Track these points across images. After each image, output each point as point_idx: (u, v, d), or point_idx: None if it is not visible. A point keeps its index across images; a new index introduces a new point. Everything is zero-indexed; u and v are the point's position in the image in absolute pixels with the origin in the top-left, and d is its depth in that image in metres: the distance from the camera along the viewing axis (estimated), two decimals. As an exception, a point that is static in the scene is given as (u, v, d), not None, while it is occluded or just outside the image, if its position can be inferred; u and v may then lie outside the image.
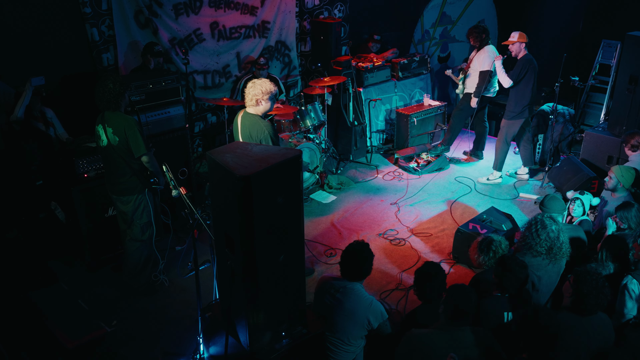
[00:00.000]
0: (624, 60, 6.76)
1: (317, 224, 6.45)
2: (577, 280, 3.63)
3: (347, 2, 8.72)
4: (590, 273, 3.65)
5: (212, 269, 4.60)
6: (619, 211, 4.81)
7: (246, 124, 4.88)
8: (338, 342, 3.93)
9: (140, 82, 5.67)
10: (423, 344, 3.37)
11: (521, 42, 6.82)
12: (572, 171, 6.66)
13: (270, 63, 8.07)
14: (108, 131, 4.65)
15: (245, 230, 3.41)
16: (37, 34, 5.99)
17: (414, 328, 3.49)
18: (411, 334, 3.45)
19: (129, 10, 6.57)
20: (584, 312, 3.60)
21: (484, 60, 7.29)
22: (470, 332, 3.43)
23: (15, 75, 5.69)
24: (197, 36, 7.27)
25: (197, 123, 7.73)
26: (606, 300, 3.61)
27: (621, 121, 6.65)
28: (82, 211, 5.36)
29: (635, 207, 4.76)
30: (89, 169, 5.39)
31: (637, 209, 4.74)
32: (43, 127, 5.79)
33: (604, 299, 3.59)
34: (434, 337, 3.39)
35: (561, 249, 4.48)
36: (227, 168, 3.38)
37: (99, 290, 5.26)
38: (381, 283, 5.43)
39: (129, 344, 4.63)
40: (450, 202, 6.98)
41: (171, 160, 4.45)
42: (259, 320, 3.74)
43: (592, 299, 3.55)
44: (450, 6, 10.25)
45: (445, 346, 3.30)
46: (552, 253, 4.40)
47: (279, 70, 8.33)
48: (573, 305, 3.64)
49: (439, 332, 3.41)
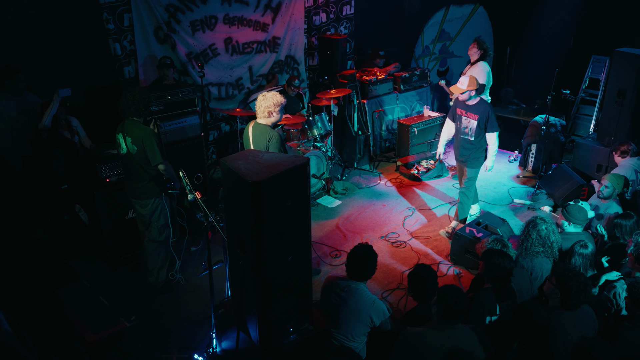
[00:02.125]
0: (613, 75, 6.76)
1: (323, 227, 6.44)
2: (560, 278, 3.62)
3: (352, 19, 8.73)
4: (569, 270, 3.66)
5: (224, 268, 4.58)
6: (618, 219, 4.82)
7: (257, 133, 4.89)
8: (342, 338, 3.93)
9: (159, 93, 5.68)
10: (418, 341, 3.36)
11: (470, 89, 5.63)
12: (564, 179, 6.63)
13: (280, 76, 8.08)
14: (127, 140, 4.67)
15: (256, 232, 3.41)
16: (64, 48, 6.01)
17: (410, 327, 3.48)
18: (407, 332, 3.44)
19: (149, 27, 6.60)
20: (572, 307, 3.59)
21: (478, 74, 7.11)
22: (462, 330, 3.41)
23: (43, 87, 5.71)
24: (212, 51, 7.29)
25: (212, 132, 7.74)
26: (590, 292, 3.60)
27: (610, 132, 6.63)
28: (103, 213, 5.38)
29: (634, 220, 4.76)
30: (111, 174, 5.41)
31: (635, 222, 4.75)
32: (68, 135, 5.81)
33: (589, 291, 3.60)
34: (428, 335, 3.38)
35: (552, 248, 4.47)
36: (240, 174, 3.37)
37: (118, 288, 5.28)
38: (383, 283, 5.42)
39: (147, 338, 4.64)
40: (448, 207, 6.96)
41: (187, 166, 4.44)
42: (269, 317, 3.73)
43: (580, 294, 3.55)
44: (449, 23, 10.26)
45: (439, 344, 3.29)
46: (546, 249, 4.42)
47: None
48: (562, 303, 3.63)
49: (433, 330, 3.41)
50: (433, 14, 9.91)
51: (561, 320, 3.60)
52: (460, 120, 5.88)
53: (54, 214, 5.88)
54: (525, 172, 7.92)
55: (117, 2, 6.24)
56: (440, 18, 10.06)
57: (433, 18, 9.93)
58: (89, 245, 5.72)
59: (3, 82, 5.46)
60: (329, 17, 8.47)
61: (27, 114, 5.60)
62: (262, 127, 4.88)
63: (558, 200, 6.47)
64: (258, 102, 4.87)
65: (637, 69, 6.32)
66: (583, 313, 3.67)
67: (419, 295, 4.03)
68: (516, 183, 7.68)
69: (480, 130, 5.70)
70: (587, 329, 3.62)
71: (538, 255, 4.45)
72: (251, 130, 4.95)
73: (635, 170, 5.92)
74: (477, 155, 5.88)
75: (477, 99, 5.72)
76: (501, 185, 7.57)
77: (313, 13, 8.27)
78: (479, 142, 5.80)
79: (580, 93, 8.44)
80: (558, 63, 8.70)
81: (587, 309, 3.72)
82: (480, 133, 5.73)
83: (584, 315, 3.68)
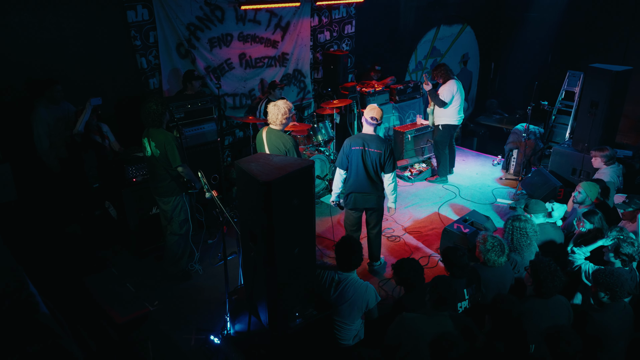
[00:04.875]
0: (586, 88, 6.73)
1: (325, 223, 6.43)
2: (534, 269, 3.65)
3: (353, 37, 8.73)
4: (543, 262, 3.66)
5: (238, 259, 4.60)
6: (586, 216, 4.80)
7: (272, 138, 4.90)
8: (342, 323, 3.93)
9: (180, 102, 5.70)
10: (411, 326, 3.36)
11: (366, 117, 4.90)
12: (542, 181, 6.61)
13: (288, 88, 8.09)
14: (151, 145, 4.68)
15: (266, 226, 3.41)
16: (97, 61, 6.03)
17: (405, 312, 3.48)
18: (402, 317, 3.44)
19: (172, 43, 6.61)
20: (545, 295, 3.60)
21: (444, 92, 7.02)
22: (450, 317, 3.41)
23: (77, 96, 5.73)
24: (228, 65, 7.30)
25: (227, 137, 7.75)
26: (561, 283, 3.61)
27: (583, 139, 6.61)
28: (130, 209, 5.39)
29: (599, 215, 4.77)
30: (137, 174, 5.42)
31: (600, 217, 4.76)
32: (99, 139, 5.83)
33: (559, 281, 3.60)
34: (420, 320, 3.38)
35: (532, 240, 4.52)
36: (252, 175, 3.38)
37: (143, 276, 5.29)
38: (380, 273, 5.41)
39: (168, 320, 4.66)
40: (438, 206, 6.94)
41: (205, 167, 4.46)
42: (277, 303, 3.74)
43: (549, 283, 3.57)
44: (439, 41, 10.25)
45: (430, 329, 3.29)
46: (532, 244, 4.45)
47: (295, 94, 8.34)
48: (535, 291, 3.64)
49: (425, 316, 3.40)
50: (425, 33, 9.91)
51: (535, 307, 3.60)
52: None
53: (86, 210, 5.91)
54: (507, 175, 7.90)
55: (144, 21, 6.27)
56: (432, 36, 10.06)
57: (425, 36, 9.93)
58: (117, 237, 5.74)
59: (43, 92, 5.49)
60: (332, 35, 8.48)
61: (63, 121, 5.63)
62: (277, 132, 4.90)
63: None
64: (271, 110, 4.88)
65: (608, 82, 6.30)
66: (558, 302, 3.67)
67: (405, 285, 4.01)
68: (499, 184, 7.66)
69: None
70: (560, 317, 3.61)
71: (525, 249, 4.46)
72: (266, 135, 4.95)
73: (617, 175, 5.87)
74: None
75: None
76: (486, 186, 7.55)
77: (318, 32, 8.27)
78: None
79: (557, 104, 8.41)
80: (537, 77, 8.70)
81: (562, 299, 3.72)
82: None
83: (559, 304, 3.67)
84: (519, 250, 4.47)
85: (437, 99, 7.03)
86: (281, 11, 7.58)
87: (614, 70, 6.29)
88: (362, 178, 4.88)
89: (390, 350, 3.39)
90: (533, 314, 3.56)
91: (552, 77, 9.19)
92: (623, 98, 6.66)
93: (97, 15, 5.91)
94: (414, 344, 3.27)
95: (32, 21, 5.49)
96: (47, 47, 5.66)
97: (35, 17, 5.49)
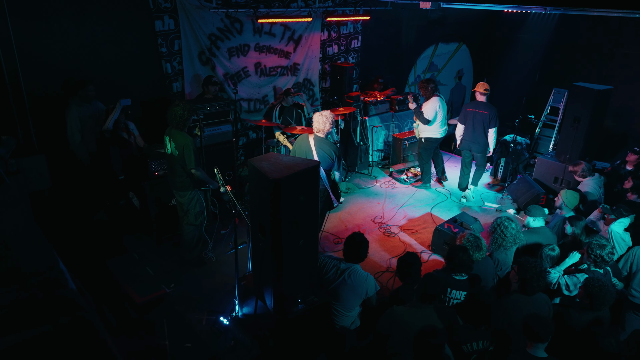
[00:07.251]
0: (570, 104, 6.70)
1: (329, 219, 6.40)
2: (520, 268, 3.62)
3: (359, 51, 8.73)
4: (530, 262, 3.63)
5: (247, 248, 4.61)
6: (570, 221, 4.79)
7: (323, 146, 5.04)
8: (341, 309, 3.93)
9: (200, 105, 5.72)
10: (399, 317, 3.36)
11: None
12: (526, 187, 6.59)
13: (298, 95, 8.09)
14: (172, 144, 4.70)
15: (274, 219, 3.42)
16: (126, 66, 6.07)
17: (395, 305, 3.47)
18: (392, 310, 3.42)
19: (194, 51, 6.64)
20: (529, 292, 3.58)
21: (427, 110, 6.91)
22: (436, 310, 3.41)
23: (107, 96, 5.77)
24: (244, 72, 7.32)
25: (241, 138, 7.77)
26: (544, 282, 3.60)
27: (566, 151, 6.59)
28: (151, 200, 5.42)
29: (583, 223, 4.77)
30: (159, 168, 5.45)
31: (583, 225, 4.76)
32: (126, 136, 5.86)
33: (542, 281, 3.60)
34: (407, 313, 3.37)
35: (522, 240, 4.51)
36: (263, 172, 3.39)
37: (161, 261, 5.31)
38: (375, 266, 5.41)
39: (182, 302, 4.67)
40: (431, 207, 6.94)
41: (221, 165, 4.49)
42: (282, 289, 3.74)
43: (534, 282, 3.55)
44: (437, 57, 10.23)
45: (417, 321, 3.28)
46: (516, 243, 4.43)
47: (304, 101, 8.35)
48: (520, 288, 3.62)
49: (413, 309, 3.39)
50: (424, 49, 9.89)
51: (518, 302, 3.59)
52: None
53: (112, 199, 5.94)
54: (495, 181, 7.88)
55: (170, 31, 6.30)
56: (430, 53, 10.04)
57: (424, 52, 9.91)
58: (139, 225, 5.76)
59: (77, 92, 5.52)
60: (340, 49, 8.48)
61: (94, 118, 5.66)
62: (325, 140, 5.07)
63: (521, 205, 6.43)
64: (318, 119, 5.00)
65: (590, 100, 6.28)
66: (540, 299, 3.65)
67: (404, 277, 4.02)
68: (487, 189, 7.64)
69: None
70: (541, 312, 3.60)
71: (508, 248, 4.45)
72: (313, 142, 5.04)
73: (598, 186, 5.83)
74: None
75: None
76: (475, 191, 7.53)
77: (327, 45, 8.28)
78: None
79: (543, 118, 8.37)
80: (526, 93, 8.66)
81: (543, 296, 3.70)
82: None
83: (541, 301, 3.65)
84: (503, 247, 4.46)
85: (421, 117, 6.90)
86: (294, 25, 7.59)
87: (596, 89, 6.26)
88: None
89: (381, 338, 3.40)
90: (516, 308, 3.55)
91: (539, 93, 9.15)
92: (603, 114, 6.63)
93: (128, 24, 5.95)
94: (402, 335, 3.27)
95: (71, 28, 5.54)
96: (83, 51, 5.70)
97: (73, 23, 5.54)
